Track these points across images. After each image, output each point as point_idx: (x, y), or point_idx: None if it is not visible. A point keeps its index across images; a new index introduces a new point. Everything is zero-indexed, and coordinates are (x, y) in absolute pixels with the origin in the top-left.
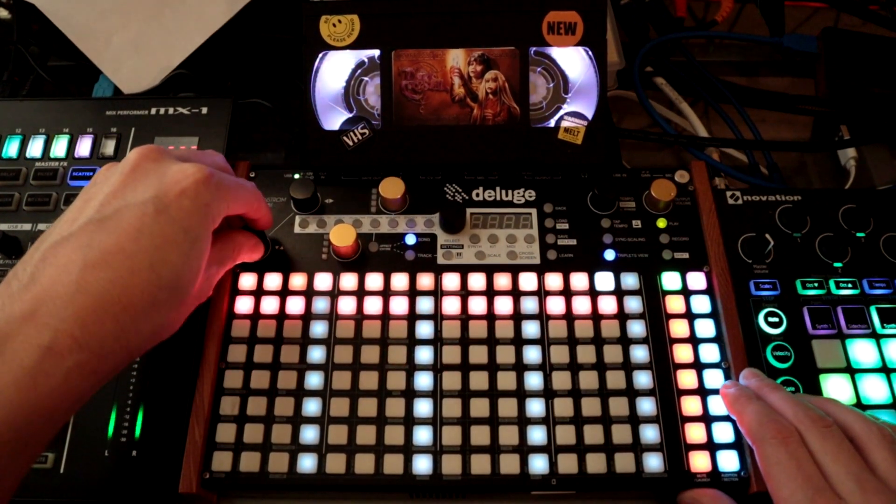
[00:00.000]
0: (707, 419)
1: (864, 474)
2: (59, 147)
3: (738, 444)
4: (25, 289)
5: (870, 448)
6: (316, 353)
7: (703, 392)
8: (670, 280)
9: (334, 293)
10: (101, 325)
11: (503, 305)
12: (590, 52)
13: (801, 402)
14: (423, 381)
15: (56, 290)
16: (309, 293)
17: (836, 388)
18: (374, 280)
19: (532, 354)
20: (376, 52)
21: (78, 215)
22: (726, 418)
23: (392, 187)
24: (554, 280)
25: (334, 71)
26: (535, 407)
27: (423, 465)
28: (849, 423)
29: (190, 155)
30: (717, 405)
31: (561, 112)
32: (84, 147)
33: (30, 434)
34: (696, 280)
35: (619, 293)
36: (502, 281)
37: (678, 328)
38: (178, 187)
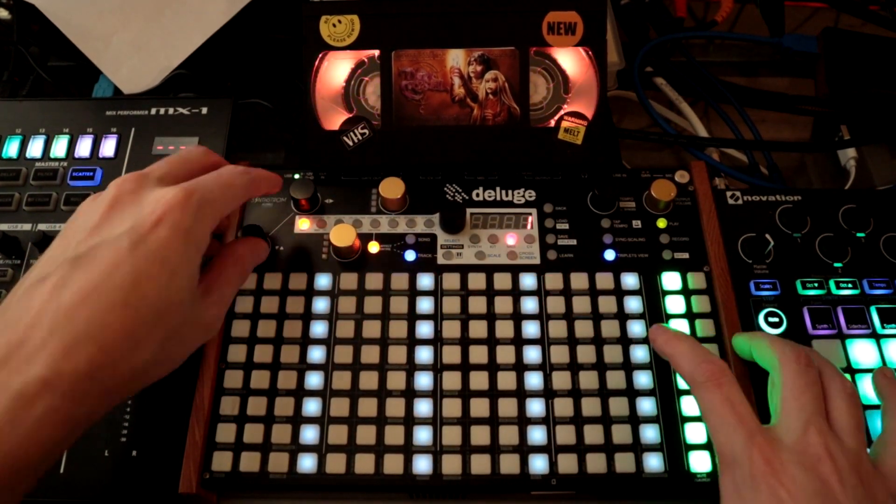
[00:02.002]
0: None
1: (816, 418)
2: (59, 147)
3: None
4: (0, 334)
5: (831, 394)
6: (316, 353)
7: None
8: (670, 280)
9: (334, 293)
10: (73, 366)
11: (503, 305)
12: (590, 52)
13: (788, 342)
14: (423, 381)
15: (28, 333)
16: (309, 293)
17: None
18: (374, 280)
19: (532, 354)
20: (376, 52)
21: (57, 254)
22: None
23: (392, 187)
24: (554, 280)
25: (334, 71)
26: (535, 407)
27: (423, 465)
28: (827, 375)
29: (170, 169)
30: None
31: (561, 112)
32: (84, 147)
33: (5, 482)
34: (696, 280)
35: (619, 293)
36: (502, 281)
37: (678, 328)
38: (154, 217)
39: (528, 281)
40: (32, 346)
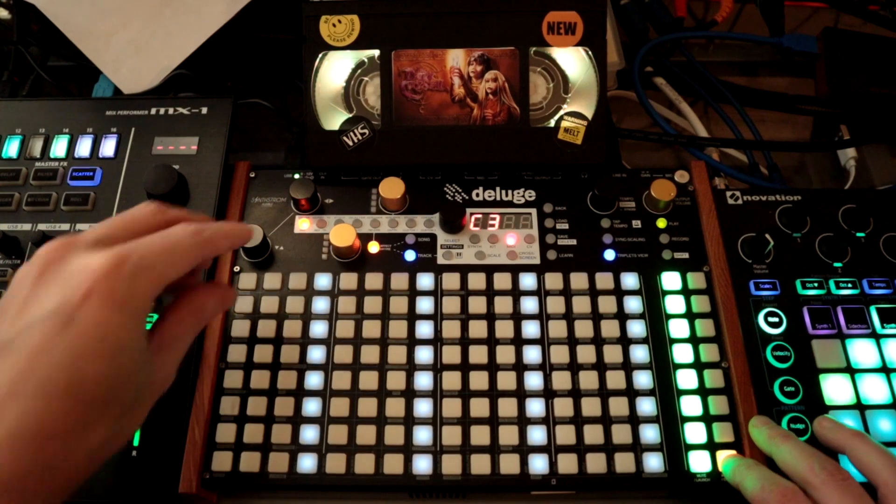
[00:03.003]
0: (707, 419)
1: None
2: (59, 147)
3: (737, 445)
4: None
5: (892, 500)
6: (316, 353)
7: (703, 392)
8: (670, 280)
9: (334, 293)
10: (18, 464)
11: (503, 305)
12: (590, 52)
13: (815, 452)
14: (423, 380)
15: None
16: (309, 293)
17: (836, 388)
18: (374, 280)
19: (532, 354)
20: (376, 52)
21: None
22: (727, 418)
23: (392, 187)
24: (554, 280)
25: (334, 71)
26: (535, 407)
27: (423, 465)
28: (874, 469)
29: (112, 226)
30: (717, 405)
31: (561, 112)
32: (84, 147)
33: None
34: (696, 280)
35: (619, 293)
36: (502, 281)
37: (678, 328)
38: (81, 291)
39: (528, 281)
40: None
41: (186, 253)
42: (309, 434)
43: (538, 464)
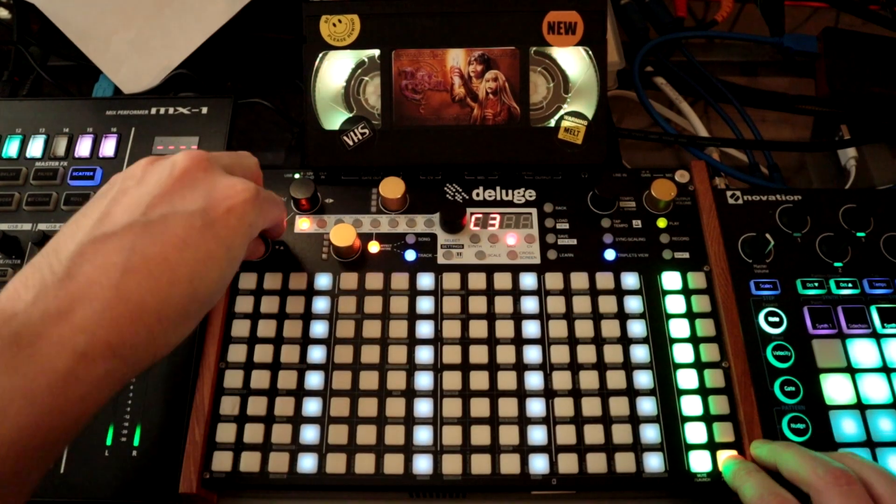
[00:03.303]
0: (707, 419)
1: None
2: (59, 147)
3: (738, 444)
4: (61, 284)
5: (819, 500)
6: (316, 353)
7: (703, 392)
8: (670, 280)
9: (334, 293)
10: (135, 334)
11: (503, 305)
12: (590, 52)
13: (819, 457)
14: (424, 380)
15: (94, 291)
16: (309, 293)
17: (836, 387)
18: (374, 280)
19: (532, 354)
20: (376, 52)
21: (118, 210)
22: (727, 418)
23: (392, 187)
24: (554, 280)
25: (334, 71)
26: (536, 407)
27: (423, 464)
28: (871, 481)
29: (232, 162)
30: (717, 405)
31: (561, 112)
32: (84, 147)
33: (56, 439)
34: (697, 280)
35: (619, 293)
36: (502, 281)
37: (678, 328)
38: (227, 204)
39: (528, 281)
40: (98, 305)
41: (280, 214)
42: (309, 434)
43: (538, 464)
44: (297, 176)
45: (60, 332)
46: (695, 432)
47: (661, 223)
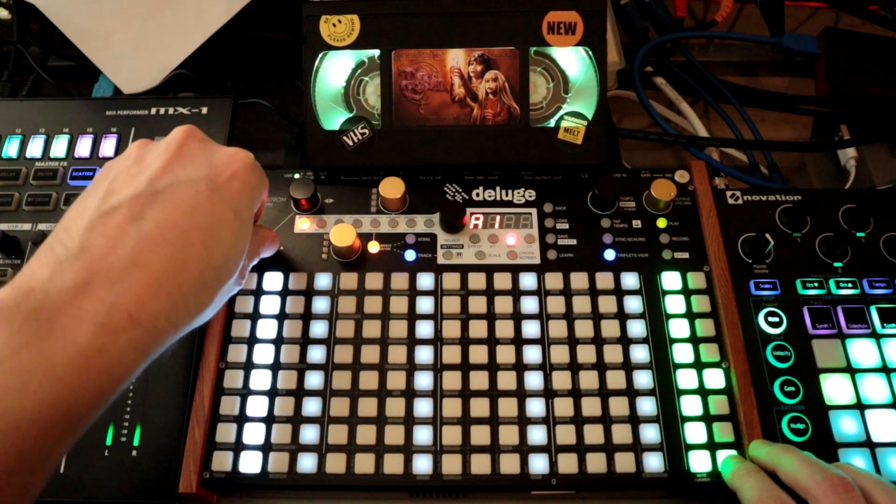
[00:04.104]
0: (707, 419)
1: None
2: (59, 147)
3: (738, 445)
4: (76, 258)
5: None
6: (316, 354)
7: (703, 392)
8: (670, 280)
9: (334, 293)
10: (155, 302)
11: (503, 305)
12: (590, 52)
13: (818, 463)
14: (423, 380)
15: (110, 261)
16: (309, 293)
17: (836, 387)
18: (374, 280)
19: (532, 354)
20: (376, 52)
21: (117, 187)
22: (727, 418)
23: (392, 187)
24: (554, 280)
25: (334, 71)
26: (536, 407)
27: (423, 464)
28: (870, 490)
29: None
30: (717, 405)
31: (561, 112)
32: (84, 147)
33: (80, 415)
34: (696, 280)
35: (619, 293)
36: (502, 281)
37: (678, 328)
38: (230, 169)
39: (528, 281)
40: (116, 275)
41: (266, 186)
42: (309, 434)
43: (538, 464)
44: (297, 176)
45: (79, 304)
46: (694, 432)
47: (661, 223)
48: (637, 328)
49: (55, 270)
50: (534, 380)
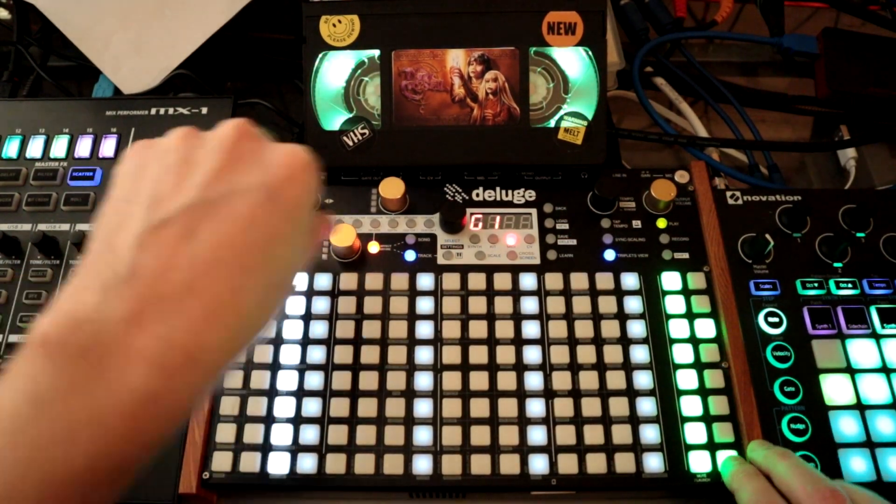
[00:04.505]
0: (707, 419)
1: None
2: (59, 147)
3: (737, 445)
4: (125, 284)
5: None
6: (316, 354)
7: (703, 392)
8: (670, 280)
9: (334, 293)
10: (212, 334)
11: (503, 305)
12: (590, 52)
13: (812, 472)
14: (423, 381)
15: (163, 289)
16: (309, 293)
17: (836, 388)
18: (374, 280)
19: (532, 354)
20: (376, 52)
21: (165, 193)
22: (727, 418)
23: (392, 187)
24: (554, 280)
25: (334, 71)
26: (535, 407)
27: (423, 465)
28: (790, 487)
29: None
30: (717, 405)
31: (561, 112)
32: (84, 147)
33: (126, 469)
34: (696, 280)
35: (619, 293)
36: (502, 281)
37: (678, 328)
38: (286, 172)
39: (528, 281)
40: (170, 305)
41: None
42: (309, 434)
43: (538, 464)
44: None
45: (131, 341)
46: (694, 433)
47: (661, 223)
48: (637, 328)
49: (102, 298)
50: (534, 380)
